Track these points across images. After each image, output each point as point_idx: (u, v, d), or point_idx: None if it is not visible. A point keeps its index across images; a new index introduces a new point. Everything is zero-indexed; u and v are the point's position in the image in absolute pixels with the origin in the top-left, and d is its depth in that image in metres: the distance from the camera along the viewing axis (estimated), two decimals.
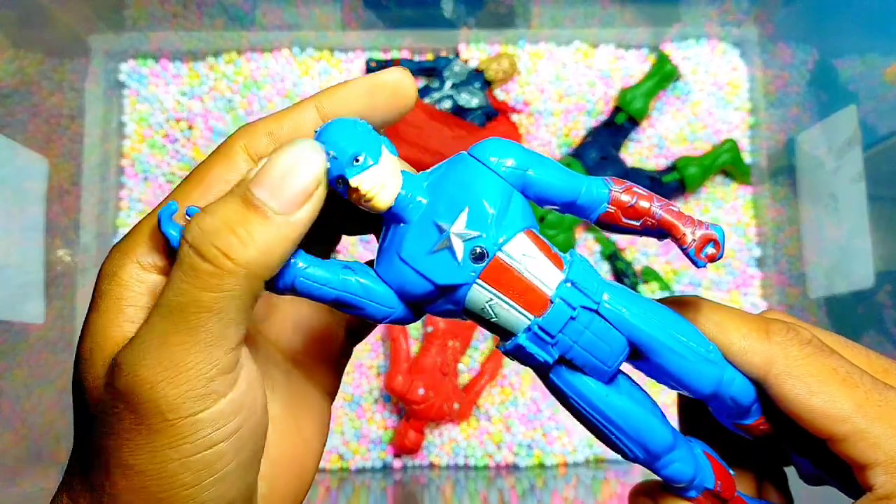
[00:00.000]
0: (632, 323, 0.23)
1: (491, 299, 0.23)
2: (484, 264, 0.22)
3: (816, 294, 0.65)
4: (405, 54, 0.73)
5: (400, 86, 0.24)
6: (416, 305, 0.24)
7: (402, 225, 0.23)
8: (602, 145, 0.70)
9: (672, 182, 0.70)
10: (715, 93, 0.74)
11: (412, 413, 0.65)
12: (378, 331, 0.69)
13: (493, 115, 0.71)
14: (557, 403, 0.25)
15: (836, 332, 0.27)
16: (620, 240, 0.72)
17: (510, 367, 0.69)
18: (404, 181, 0.23)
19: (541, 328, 0.23)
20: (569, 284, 0.23)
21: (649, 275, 0.70)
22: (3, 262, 0.56)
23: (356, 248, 0.71)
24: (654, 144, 0.73)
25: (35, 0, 0.60)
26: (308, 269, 0.22)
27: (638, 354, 0.24)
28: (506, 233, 0.23)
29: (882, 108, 0.58)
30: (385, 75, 0.24)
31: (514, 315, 0.23)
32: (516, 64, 0.72)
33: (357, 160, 0.22)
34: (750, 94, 0.74)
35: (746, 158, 0.73)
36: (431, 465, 0.68)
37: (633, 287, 0.70)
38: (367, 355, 0.69)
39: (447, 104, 0.70)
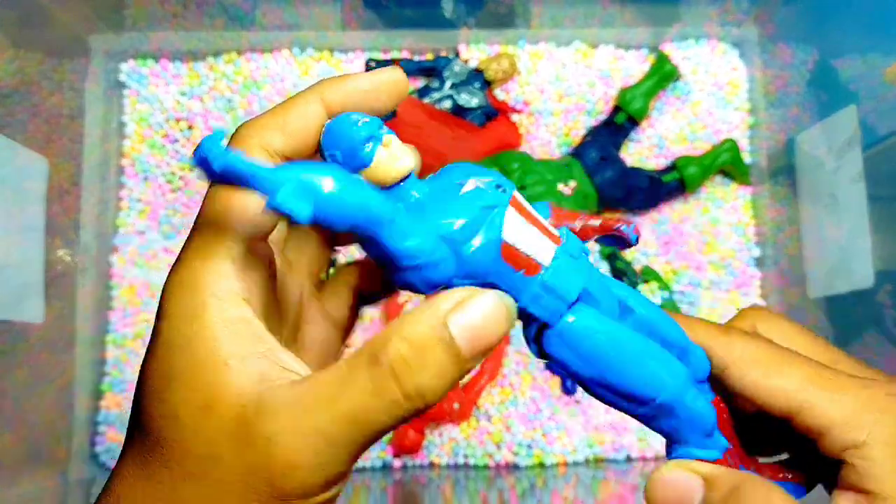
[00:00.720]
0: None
1: (522, 228, 0.25)
2: (508, 195, 0.25)
3: (816, 294, 0.65)
4: (405, 54, 0.73)
5: (397, 81, 0.26)
6: (454, 241, 0.24)
7: (410, 201, 0.25)
8: (602, 145, 0.70)
9: (672, 182, 0.70)
10: (715, 93, 0.74)
11: None
12: (377, 330, 0.68)
13: (493, 115, 0.71)
14: (557, 403, 0.26)
15: (836, 333, 0.29)
16: None
17: (510, 366, 0.69)
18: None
19: (568, 247, 0.25)
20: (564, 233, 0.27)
21: (649, 275, 0.70)
22: (3, 262, 0.56)
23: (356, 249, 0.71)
24: (654, 144, 0.73)
25: (35, 0, 0.60)
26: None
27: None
28: (512, 187, 0.26)
29: (882, 108, 0.58)
30: (383, 73, 0.26)
31: (542, 243, 0.25)
32: (516, 64, 0.72)
33: (382, 128, 0.24)
34: (750, 94, 0.74)
35: (746, 158, 0.73)
36: (431, 465, 0.68)
37: (633, 287, 0.70)
38: None
39: (447, 104, 0.70)
